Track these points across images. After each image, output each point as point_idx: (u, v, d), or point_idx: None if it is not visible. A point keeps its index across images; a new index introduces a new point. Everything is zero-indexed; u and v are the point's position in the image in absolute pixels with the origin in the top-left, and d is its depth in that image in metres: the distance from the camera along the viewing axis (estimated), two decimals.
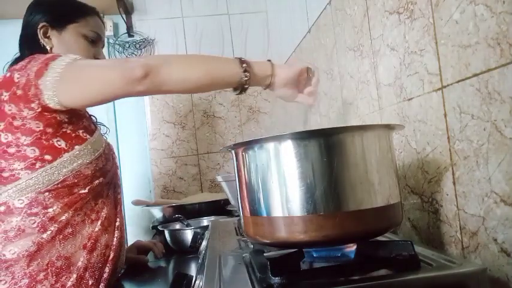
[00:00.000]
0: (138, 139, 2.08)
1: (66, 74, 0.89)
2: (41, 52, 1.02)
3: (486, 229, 0.60)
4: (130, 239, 1.79)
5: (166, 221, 1.60)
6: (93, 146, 0.99)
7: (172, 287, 0.85)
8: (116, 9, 1.93)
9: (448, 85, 0.65)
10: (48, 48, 1.07)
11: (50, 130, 0.92)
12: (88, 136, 0.99)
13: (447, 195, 0.68)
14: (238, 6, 2.13)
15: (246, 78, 0.89)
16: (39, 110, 0.90)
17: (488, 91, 0.56)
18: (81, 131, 0.98)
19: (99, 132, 1.05)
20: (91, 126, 1.03)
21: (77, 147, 0.95)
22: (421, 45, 0.71)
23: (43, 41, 1.07)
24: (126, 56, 2.04)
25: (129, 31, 2.05)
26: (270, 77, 0.92)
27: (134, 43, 2.05)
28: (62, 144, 0.94)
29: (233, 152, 0.66)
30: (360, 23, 0.96)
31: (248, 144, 0.62)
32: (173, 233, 1.35)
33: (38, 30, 1.06)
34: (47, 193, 0.93)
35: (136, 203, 1.77)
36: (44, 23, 1.07)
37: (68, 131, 0.95)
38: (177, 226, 1.45)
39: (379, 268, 0.54)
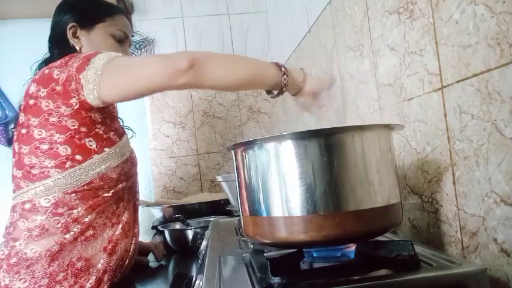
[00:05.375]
0: (138, 139, 2.07)
1: (108, 69, 0.90)
2: (70, 52, 1.02)
3: (486, 229, 0.60)
4: None
5: (166, 221, 1.60)
6: (121, 150, 0.99)
7: (172, 287, 0.85)
8: None
9: (448, 85, 0.65)
10: (78, 48, 1.08)
11: (83, 129, 0.93)
12: (117, 139, 0.99)
13: (447, 195, 0.68)
14: (238, 6, 2.13)
15: (285, 82, 0.93)
16: (77, 107, 0.91)
17: (488, 91, 0.56)
18: (112, 133, 0.98)
19: (127, 137, 1.06)
20: (120, 129, 1.04)
21: (106, 149, 0.96)
22: (421, 45, 0.71)
23: (72, 41, 1.08)
24: None
25: None
26: (301, 84, 0.97)
27: (134, 43, 2.04)
28: (93, 145, 0.94)
29: (233, 152, 0.66)
30: (360, 23, 0.96)
31: (248, 144, 0.62)
32: (173, 233, 1.35)
33: (68, 30, 1.07)
34: (73, 194, 0.93)
35: None
36: (73, 24, 1.07)
37: (101, 132, 0.96)
38: (177, 226, 1.45)
39: (379, 268, 0.54)
